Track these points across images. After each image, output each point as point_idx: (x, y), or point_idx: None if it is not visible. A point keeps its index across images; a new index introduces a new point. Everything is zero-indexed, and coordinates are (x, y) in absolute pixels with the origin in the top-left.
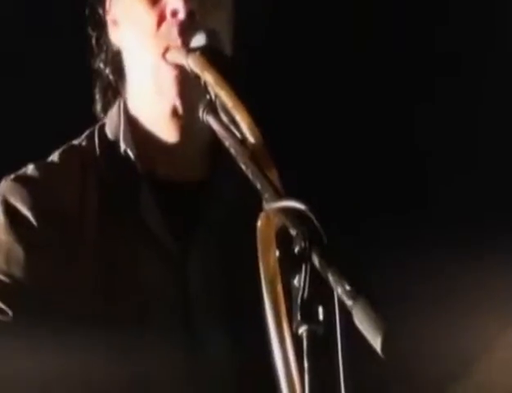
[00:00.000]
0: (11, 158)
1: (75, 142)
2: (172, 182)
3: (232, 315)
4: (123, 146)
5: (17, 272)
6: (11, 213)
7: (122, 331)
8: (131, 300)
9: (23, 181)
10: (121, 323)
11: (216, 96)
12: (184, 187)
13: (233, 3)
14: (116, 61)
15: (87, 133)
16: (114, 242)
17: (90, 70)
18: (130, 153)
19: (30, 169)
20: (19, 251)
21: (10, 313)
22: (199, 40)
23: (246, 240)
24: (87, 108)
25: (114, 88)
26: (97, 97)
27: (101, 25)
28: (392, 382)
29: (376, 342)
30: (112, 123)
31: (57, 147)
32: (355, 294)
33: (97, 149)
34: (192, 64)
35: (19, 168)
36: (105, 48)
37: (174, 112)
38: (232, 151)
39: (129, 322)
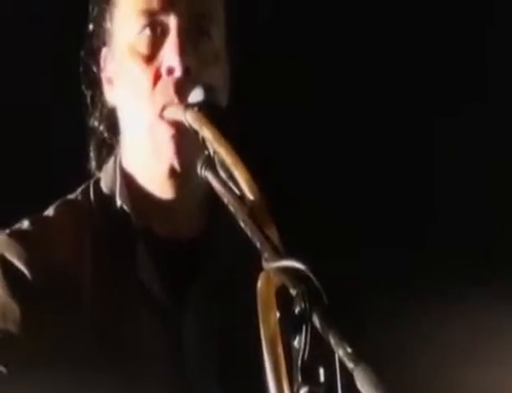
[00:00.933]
0: (5, 213)
1: (70, 196)
2: (168, 239)
3: (227, 376)
4: (119, 202)
5: (12, 327)
6: (7, 268)
7: (116, 388)
8: (125, 357)
9: (18, 236)
10: (116, 380)
11: (214, 152)
12: (181, 244)
13: (227, 56)
14: (111, 118)
15: (82, 187)
16: (109, 298)
17: (84, 128)
18: (126, 209)
19: (26, 224)
20: (14, 307)
21: (4, 370)
22: (196, 96)
23: (243, 297)
24: (82, 164)
25: (109, 145)
26: (92, 154)
27: (95, 83)
28: None
29: None
30: (108, 177)
31: (52, 202)
32: (357, 357)
33: (93, 204)
34: (190, 120)
35: (14, 223)
36: (99, 106)
37: (172, 171)
38: (231, 207)
39: (124, 379)
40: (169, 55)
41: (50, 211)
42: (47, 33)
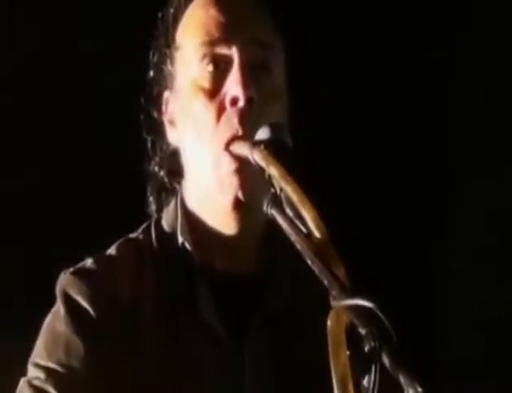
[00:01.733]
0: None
1: (132, 235)
2: (228, 274)
3: None
4: (180, 239)
5: (76, 364)
6: (71, 305)
7: None
8: (189, 389)
9: (82, 274)
10: None
11: (281, 189)
12: (240, 279)
13: (287, 94)
14: (173, 161)
15: (143, 226)
16: (171, 338)
17: (144, 174)
18: (188, 246)
19: (89, 262)
20: (78, 344)
21: None
22: (263, 133)
23: (304, 335)
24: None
25: (169, 190)
26: (151, 198)
27: (156, 128)
28: None
29: None
30: (169, 216)
31: (113, 242)
32: None
33: (154, 242)
34: (257, 157)
35: (77, 262)
36: (160, 151)
37: (236, 203)
38: (298, 245)
39: None
40: (233, 86)
41: (112, 250)
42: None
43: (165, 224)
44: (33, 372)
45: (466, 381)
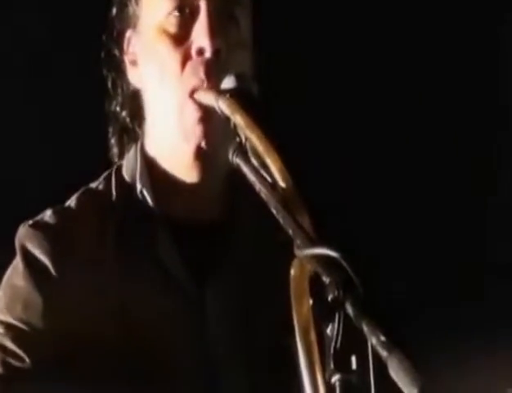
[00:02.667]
0: (28, 205)
1: (92, 185)
2: (189, 223)
3: (252, 358)
4: (139, 187)
5: (35, 320)
6: (30, 260)
7: (140, 375)
8: (150, 340)
9: (41, 227)
10: (140, 364)
11: (246, 139)
12: (201, 227)
13: (253, 47)
14: (134, 103)
15: (104, 175)
16: (134, 285)
17: (104, 114)
18: (146, 193)
19: (48, 214)
20: (37, 299)
21: (27, 360)
22: (229, 82)
23: (264, 279)
24: (102, 152)
25: (131, 131)
26: (113, 141)
27: (117, 66)
28: None
29: None
30: (129, 164)
31: (74, 192)
32: (390, 345)
33: (113, 191)
34: (223, 106)
35: (36, 214)
36: (121, 90)
37: (198, 152)
38: (262, 194)
39: (149, 363)
40: (200, 36)
41: (72, 202)
42: None
43: (125, 173)
44: None
45: None
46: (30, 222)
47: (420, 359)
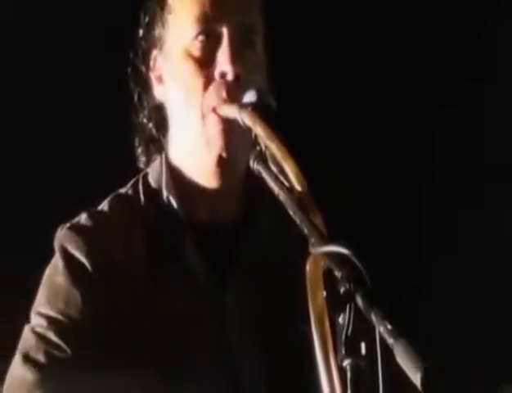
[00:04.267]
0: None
1: (122, 190)
2: (210, 226)
3: (270, 353)
4: (165, 194)
5: (75, 313)
6: (69, 259)
7: (168, 369)
8: (176, 339)
9: (78, 230)
10: (168, 362)
11: (266, 147)
12: (221, 230)
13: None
14: (159, 115)
15: (132, 182)
16: (160, 286)
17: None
18: (172, 200)
19: (83, 218)
20: (76, 294)
21: (69, 351)
22: (250, 97)
23: (281, 279)
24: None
25: (157, 141)
26: (140, 150)
27: (143, 82)
28: None
29: (416, 378)
30: (155, 172)
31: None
32: (396, 334)
33: (142, 197)
34: (245, 118)
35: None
36: (147, 104)
37: (220, 161)
38: (281, 198)
39: (175, 361)
40: (222, 61)
41: (104, 206)
42: None
43: (151, 180)
44: (35, 320)
45: None
46: (68, 225)
47: None
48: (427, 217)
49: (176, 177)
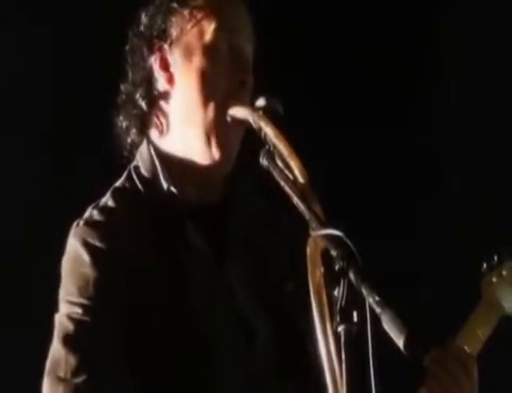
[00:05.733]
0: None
1: (118, 184)
2: (202, 206)
3: (270, 307)
4: (165, 185)
5: (105, 297)
6: (92, 251)
7: (180, 332)
8: (196, 310)
9: (94, 224)
10: (181, 326)
11: (274, 146)
12: (212, 208)
13: None
14: (153, 96)
15: (124, 175)
16: (171, 266)
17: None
18: (173, 189)
19: (95, 213)
20: (106, 282)
21: (105, 332)
22: (261, 102)
23: (265, 243)
24: None
25: (147, 120)
26: (124, 126)
27: (144, 64)
28: None
29: (400, 342)
30: (145, 163)
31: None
32: (383, 304)
33: (141, 188)
34: (257, 119)
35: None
36: (146, 85)
37: (217, 158)
38: (287, 189)
39: (189, 324)
40: (243, 71)
41: (109, 200)
42: None
43: (143, 171)
44: (68, 308)
45: None
46: (83, 221)
47: None
48: None
49: (169, 165)
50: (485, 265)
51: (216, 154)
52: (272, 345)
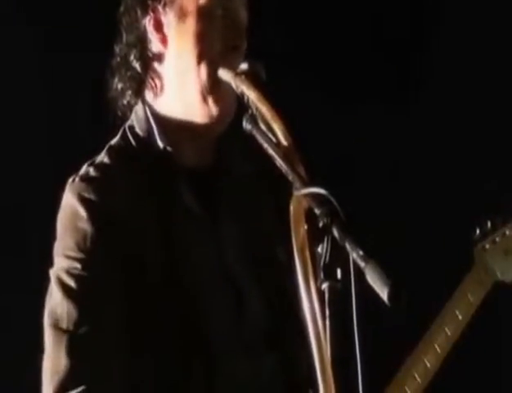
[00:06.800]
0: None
1: (113, 143)
2: (196, 167)
3: (259, 269)
4: (161, 145)
5: (102, 251)
6: (89, 206)
7: (176, 288)
8: (187, 266)
9: (90, 180)
10: (174, 282)
11: (257, 109)
12: (206, 169)
13: None
14: (147, 57)
15: (119, 134)
16: (164, 223)
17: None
18: (168, 149)
19: (90, 170)
20: (100, 236)
21: (103, 283)
22: (244, 66)
23: (257, 205)
24: None
25: (141, 81)
26: (120, 86)
27: (137, 25)
28: None
29: (384, 294)
30: (140, 122)
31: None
32: (367, 258)
33: (136, 147)
34: (239, 83)
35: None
36: (140, 47)
37: (214, 119)
38: (270, 152)
39: (180, 278)
40: (236, 36)
41: (104, 157)
42: None
43: (139, 130)
44: (67, 263)
45: None
46: (78, 177)
47: None
48: None
49: (165, 126)
50: (478, 231)
51: (214, 110)
52: (260, 311)
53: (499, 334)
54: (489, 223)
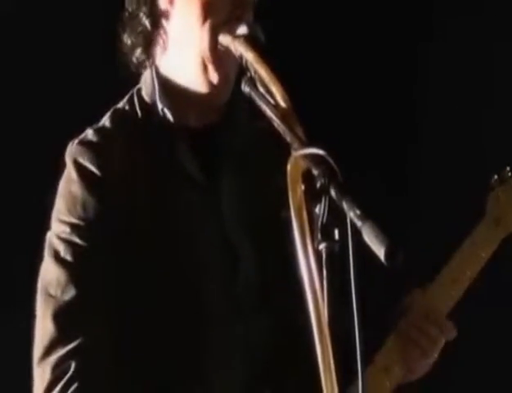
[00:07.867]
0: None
1: (119, 106)
2: (200, 128)
3: (259, 233)
4: (160, 106)
5: (93, 217)
6: (82, 170)
7: (171, 252)
8: (181, 228)
9: (87, 144)
10: (174, 245)
11: (255, 71)
12: (209, 130)
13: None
14: (162, 20)
15: (127, 97)
16: (161, 188)
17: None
18: (166, 111)
19: (90, 133)
20: (92, 201)
21: (90, 248)
22: (242, 30)
23: (261, 167)
24: None
25: (151, 39)
26: (130, 42)
27: None
28: None
29: (381, 253)
30: (147, 88)
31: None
32: (364, 217)
33: (138, 111)
34: (238, 47)
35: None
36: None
37: (215, 84)
38: (268, 113)
39: (176, 244)
40: (241, 8)
41: (106, 121)
42: None
43: (145, 95)
44: (58, 227)
45: None
46: (77, 141)
47: None
48: None
49: (168, 88)
50: (496, 177)
51: (213, 77)
52: (255, 276)
53: None
54: (509, 170)
